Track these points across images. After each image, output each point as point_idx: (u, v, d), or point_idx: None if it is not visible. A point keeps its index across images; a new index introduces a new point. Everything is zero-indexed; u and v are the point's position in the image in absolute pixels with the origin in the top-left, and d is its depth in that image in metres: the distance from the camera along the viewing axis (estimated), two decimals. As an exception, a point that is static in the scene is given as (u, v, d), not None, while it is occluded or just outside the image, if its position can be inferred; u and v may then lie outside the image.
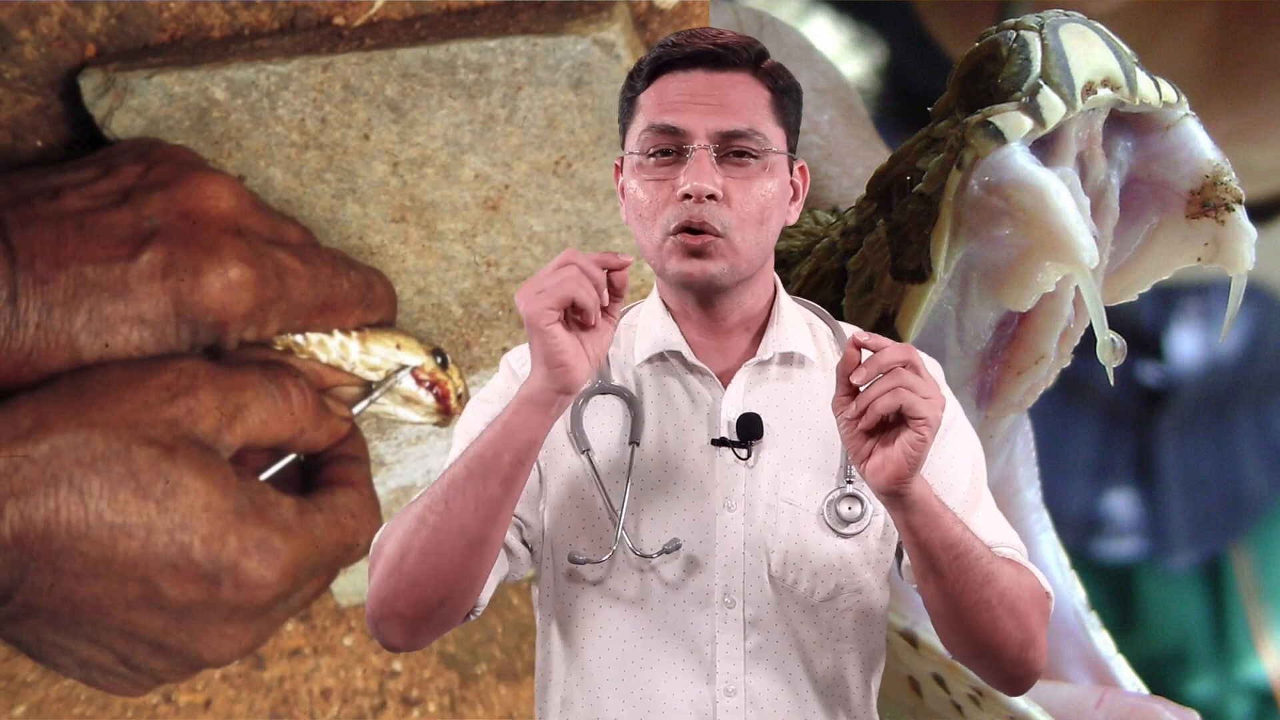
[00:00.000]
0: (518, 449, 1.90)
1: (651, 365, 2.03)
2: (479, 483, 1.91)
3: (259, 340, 2.70)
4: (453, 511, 1.91)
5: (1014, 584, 1.95)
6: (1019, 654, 1.97)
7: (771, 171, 1.99)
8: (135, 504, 2.55)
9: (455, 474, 1.92)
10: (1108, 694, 2.41)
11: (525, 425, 1.90)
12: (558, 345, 1.87)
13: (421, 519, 1.92)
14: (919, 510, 1.90)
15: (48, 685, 2.91)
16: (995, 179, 2.20)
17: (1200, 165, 2.25)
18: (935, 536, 1.91)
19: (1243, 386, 4.60)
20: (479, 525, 1.91)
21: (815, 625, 1.99)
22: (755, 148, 1.98)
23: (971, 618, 1.94)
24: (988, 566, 1.93)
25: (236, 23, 2.82)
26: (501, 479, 1.91)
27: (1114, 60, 2.21)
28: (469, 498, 1.91)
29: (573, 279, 1.89)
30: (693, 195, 1.96)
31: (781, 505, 1.98)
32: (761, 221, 1.98)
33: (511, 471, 1.91)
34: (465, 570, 1.93)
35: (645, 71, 2.01)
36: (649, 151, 1.99)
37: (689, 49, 2.01)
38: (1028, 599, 1.97)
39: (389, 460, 2.90)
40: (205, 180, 2.69)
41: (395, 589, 1.93)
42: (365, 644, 3.01)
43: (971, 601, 1.93)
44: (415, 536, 1.92)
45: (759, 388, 2.02)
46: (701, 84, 2.00)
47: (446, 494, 1.91)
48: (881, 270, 2.30)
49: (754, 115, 1.99)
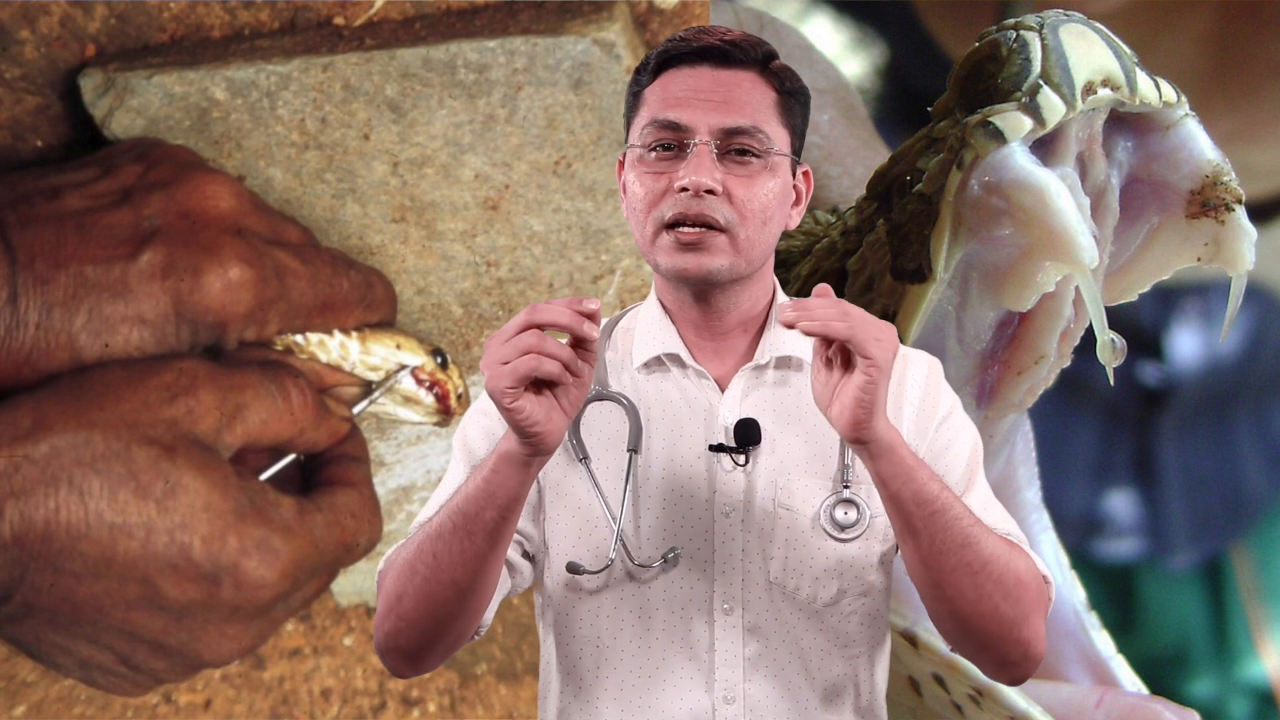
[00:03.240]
0: (500, 506, 1.89)
1: (649, 370, 2.02)
2: (464, 537, 1.90)
3: (259, 340, 2.70)
4: (441, 564, 1.91)
5: (1000, 554, 1.91)
6: (1009, 632, 1.93)
7: (774, 172, 1.98)
8: (135, 504, 2.55)
9: (441, 526, 1.91)
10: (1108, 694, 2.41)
11: (505, 484, 1.88)
12: (526, 418, 1.85)
13: (413, 567, 1.92)
14: (887, 459, 1.88)
15: (48, 685, 2.91)
16: (995, 179, 2.20)
17: (1200, 165, 2.25)
18: (907, 490, 1.88)
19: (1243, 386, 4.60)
20: (468, 576, 1.91)
21: (821, 631, 1.98)
22: (757, 146, 1.97)
23: (953, 584, 1.91)
24: (968, 529, 1.90)
25: (236, 23, 2.82)
26: (486, 534, 1.90)
27: (1114, 60, 2.21)
28: (455, 552, 1.90)
29: (532, 356, 1.84)
30: (690, 189, 1.95)
31: (779, 511, 1.97)
32: (764, 221, 1.97)
33: (495, 527, 1.89)
34: (462, 612, 1.93)
35: (651, 66, 2.01)
36: (650, 145, 1.98)
37: (696, 44, 2.00)
38: (1019, 573, 1.92)
39: (389, 460, 2.90)
40: (205, 180, 2.69)
41: (396, 628, 1.94)
42: (365, 644, 3.01)
43: (951, 564, 1.90)
44: (409, 582, 1.92)
45: (756, 392, 2.01)
46: (706, 80, 1.99)
47: (434, 546, 1.91)
48: (881, 270, 2.30)
49: (758, 114, 1.98)
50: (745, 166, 1.97)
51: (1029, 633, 1.94)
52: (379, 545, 2.77)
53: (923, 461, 1.91)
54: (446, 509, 1.91)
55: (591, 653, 1.99)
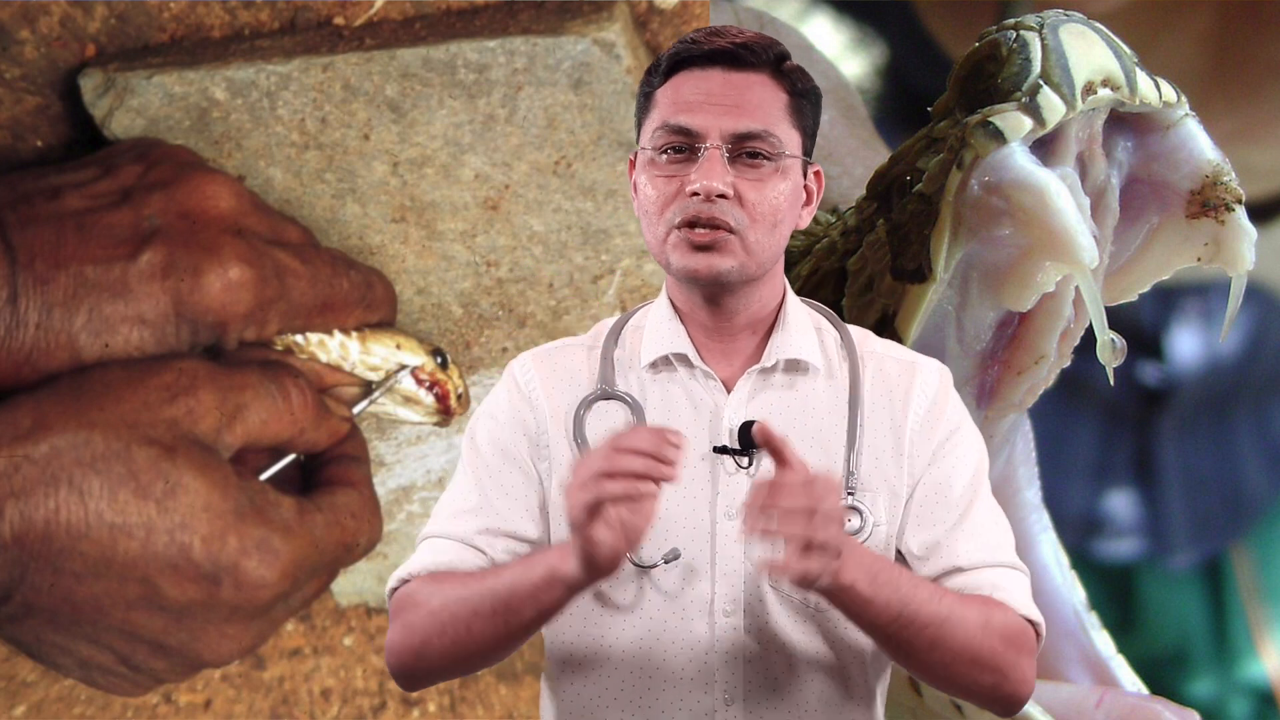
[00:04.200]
0: (542, 610, 1.91)
1: (656, 369, 2.02)
2: (500, 624, 1.92)
3: (259, 340, 2.70)
4: (474, 637, 1.94)
5: (974, 637, 1.93)
6: (991, 692, 1.96)
7: (785, 173, 1.98)
8: (135, 504, 2.55)
9: (479, 606, 1.92)
10: (1108, 694, 2.41)
11: (553, 598, 1.90)
12: (599, 552, 1.85)
13: (443, 628, 1.94)
14: (843, 600, 1.89)
15: (48, 685, 2.91)
16: (995, 179, 2.20)
17: (1200, 165, 2.25)
18: (866, 617, 1.90)
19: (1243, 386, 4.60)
20: (500, 652, 1.96)
21: (818, 634, 1.98)
22: (769, 149, 1.97)
23: (929, 674, 1.95)
24: (935, 633, 1.91)
25: (236, 23, 2.82)
26: (522, 626, 1.92)
27: (1114, 60, 2.21)
28: (489, 633, 1.93)
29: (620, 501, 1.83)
30: (702, 193, 1.95)
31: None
32: (775, 223, 1.97)
33: (533, 623, 1.93)
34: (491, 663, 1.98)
35: (663, 67, 2.00)
36: (661, 149, 1.98)
37: (707, 47, 1.99)
38: (994, 645, 1.94)
39: (389, 460, 2.90)
40: (205, 180, 2.69)
41: (416, 666, 1.98)
42: (365, 644, 3.01)
43: (924, 662, 1.93)
44: (437, 638, 1.95)
45: (762, 394, 2.01)
46: (718, 83, 1.99)
47: (469, 620, 1.93)
48: (881, 270, 2.30)
49: (769, 117, 1.98)
50: (756, 169, 1.97)
51: (1011, 686, 1.97)
52: (379, 545, 2.77)
53: (879, 582, 1.89)
54: (487, 590, 1.93)
55: (592, 652, 1.99)
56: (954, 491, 2.00)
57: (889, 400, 2.01)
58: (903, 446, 1.99)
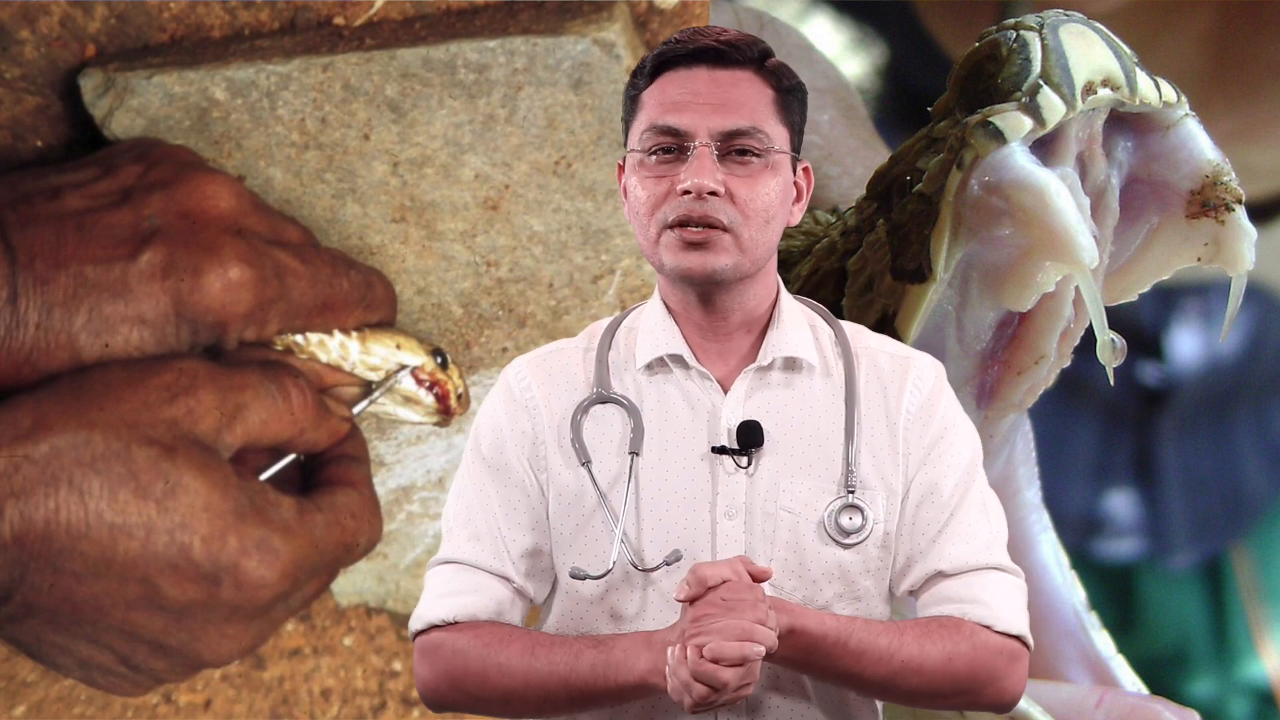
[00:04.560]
0: (623, 703, 1.95)
1: (651, 371, 2.02)
2: (576, 708, 1.95)
3: (259, 340, 2.70)
4: (543, 711, 1.96)
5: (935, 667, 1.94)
6: (970, 705, 1.98)
7: (775, 170, 1.98)
8: (135, 504, 2.55)
9: (552, 690, 1.94)
10: (1108, 694, 2.41)
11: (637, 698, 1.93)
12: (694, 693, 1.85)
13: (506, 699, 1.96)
14: (791, 661, 1.92)
15: (48, 685, 2.91)
16: (995, 179, 2.20)
17: (1200, 165, 2.25)
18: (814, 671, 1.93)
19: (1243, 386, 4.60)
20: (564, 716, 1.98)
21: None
22: (757, 146, 1.97)
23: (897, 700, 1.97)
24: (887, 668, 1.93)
25: (236, 23, 2.82)
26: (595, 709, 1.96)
27: (1114, 60, 2.21)
28: (559, 710, 1.96)
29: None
30: (693, 191, 1.95)
31: (781, 514, 1.97)
32: (767, 220, 1.97)
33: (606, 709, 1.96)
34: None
35: (648, 69, 2.01)
36: (650, 150, 1.98)
37: (692, 46, 2.00)
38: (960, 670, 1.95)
39: (389, 460, 2.90)
40: (205, 180, 2.69)
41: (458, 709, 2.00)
42: (365, 644, 3.01)
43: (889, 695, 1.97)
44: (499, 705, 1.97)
45: (759, 393, 2.00)
46: (704, 82, 1.99)
47: (540, 704, 1.95)
48: (881, 270, 2.30)
49: (756, 114, 1.98)
50: (746, 166, 1.97)
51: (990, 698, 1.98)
52: (379, 545, 2.77)
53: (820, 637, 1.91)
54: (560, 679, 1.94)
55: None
56: (944, 492, 2.00)
57: (884, 396, 2.01)
58: (898, 443, 2.00)
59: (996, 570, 2.00)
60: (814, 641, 1.91)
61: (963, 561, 1.99)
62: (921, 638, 1.94)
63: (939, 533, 1.99)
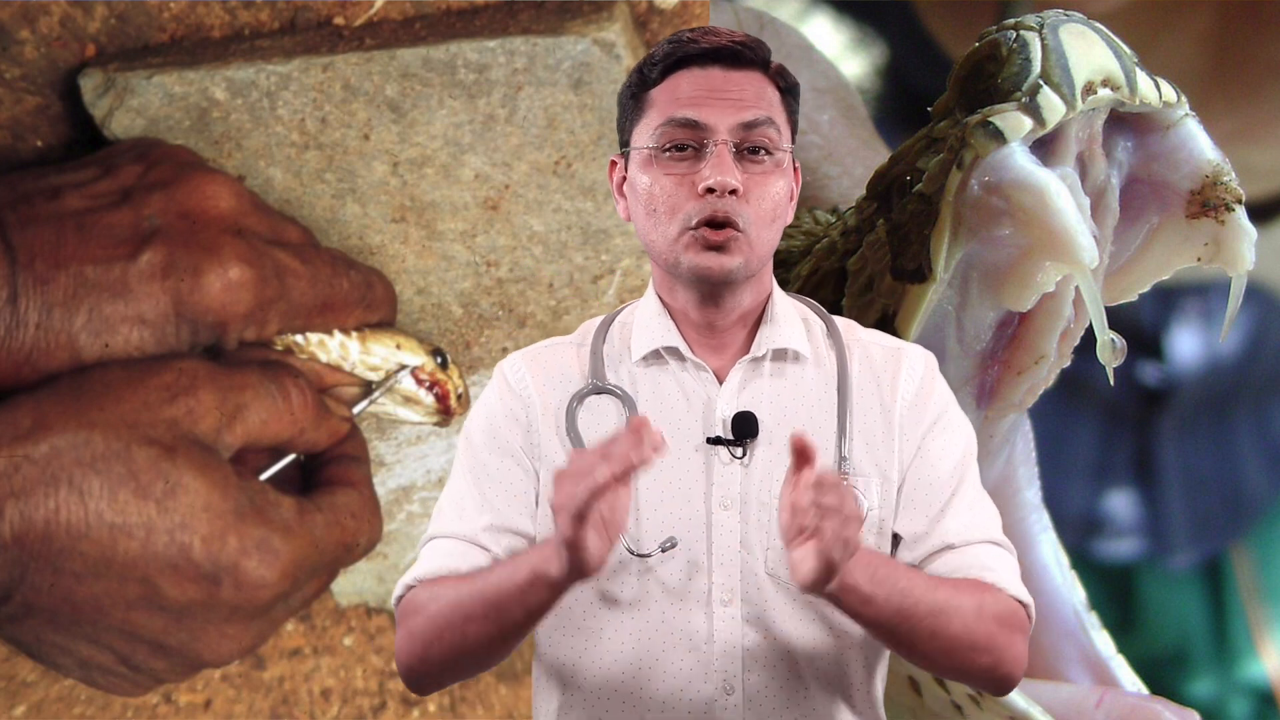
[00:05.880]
0: (530, 611, 1.92)
1: (646, 363, 2.03)
2: (493, 625, 1.93)
3: (259, 340, 2.70)
4: (469, 640, 1.95)
5: (970, 622, 1.95)
6: (988, 673, 1.98)
7: (782, 170, 2.01)
8: (135, 504, 2.55)
9: (470, 609, 1.94)
10: (1108, 694, 2.41)
11: (539, 598, 1.91)
12: (585, 548, 1.85)
13: (441, 634, 1.96)
14: (848, 600, 1.90)
15: (48, 685, 2.91)
16: (995, 179, 2.20)
17: (1200, 165, 2.25)
18: (867, 615, 1.91)
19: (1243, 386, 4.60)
20: (496, 654, 1.96)
21: (815, 621, 1.99)
22: (772, 142, 1.99)
23: (929, 660, 1.96)
24: (933, 624, 1.93)
25: (236, 23, 2.82)
26: (514, 628, 1.93)
27: (1114, 60, 2.21)
28: (482, 634, 1.94)
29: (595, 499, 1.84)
30: (717, 190, 1.96)
31: (776, 503, 1.98)
32: (773, 219, 2.00)
33: (524, 623, 1.93)
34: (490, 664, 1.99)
35: (660, 66, 2.01)
36: (665, 146, 1.99)
37: (705, 45, 2.01)
38: (989, 628, 1.96)
39: (389, 460, 2.90)
40: (205, 180, 2.69)
41: (423, 670, 1.99)
42: (365, 644, 3.01)
43: (923, 652, 1.95)
44: (436, 642, 1.97)
45: (753, 384, 2.02)
46: (719, 80, 2.00)
47: (464, 626, 1.94)
48: (881, 270, 2.31)
49: (770, 111, 2.01)
50: (759, 165, 1.99)
51: (1007, 667, 1.98)
52: (379, 545, 2.77)
53: (878, 580, 1.90)
54: (478, 591, 1.94)
55: (591, 646, 2.00)
56: (943, 474, 2.02)
57: (877, 385, 2.03)
58: (893, 431, 2.01)
59: (999, 546, 2.03)
60: (873, 559, 1.90)
61: (969, 535, 2.01)
62: (954, 587, 1.96)
63: (942, 510, 2.01)
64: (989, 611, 1.97)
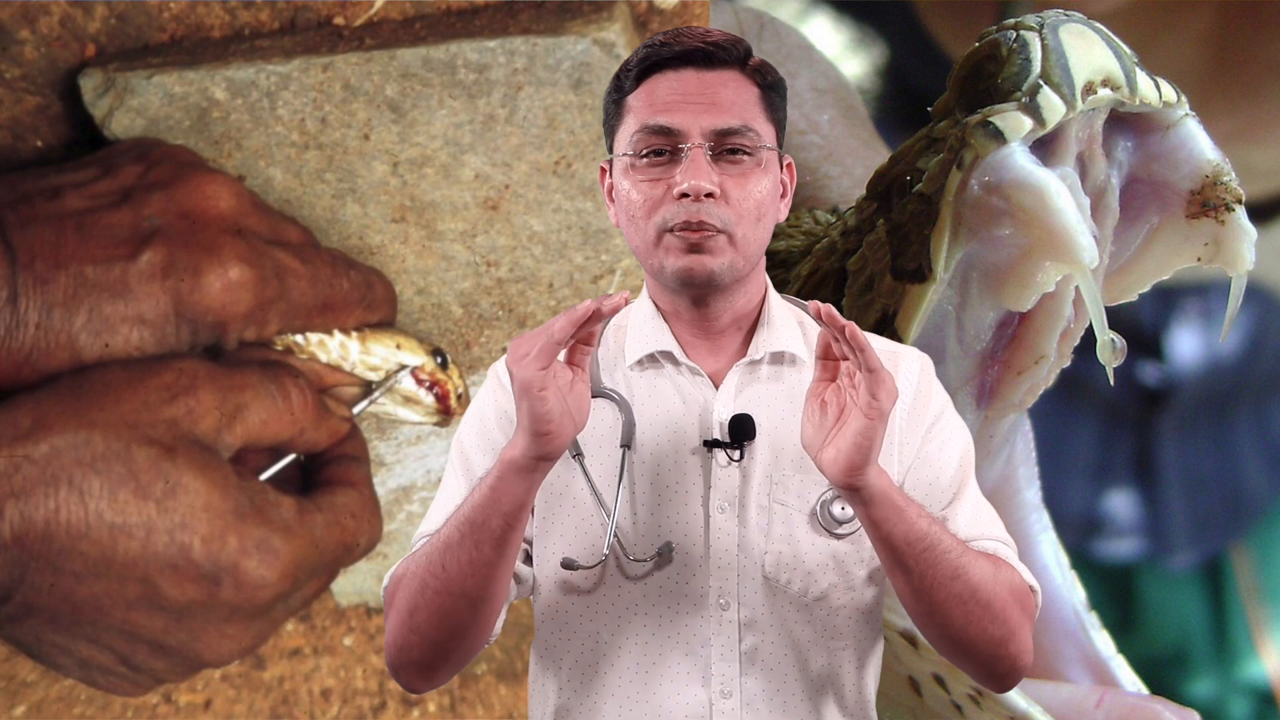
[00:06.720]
0: (505, 514, 1.91)
1: (642, 367, 2.03)
2: (471, 548, 1.92)
3: (259, 340, 2.70)
4: (450, 575, 1.93)
5: (988, 579, 1.95)
6: (997, 649, 1.96)
7: (766, 168, 1.99)
8: (135, 504, 2.55)
9: (449, 538, 1.93)
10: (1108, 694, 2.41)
11: (510, 491, 1.90)
12: (547, 413, 1.87)
13: (423, 581, 1.94)
14: (879, 504, 1.90)
15: (48, 685, 2.91)
16: (995, 179, 2.20)
17: (1200, 165, 2.25)
18: (898, 530, 1.90)
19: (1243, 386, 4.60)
20: (478, 586, 1.93)
21: (810, 624, 1.99)
22: (749, 144, 1.98)
23: (943, 613, 1.94)
24: (957, 560, 1.92)
25: (236, 23, 2.82)
26: (493, 543, 1.92)
27: (1114, 60, 2.21)
28: (464, 562, 1.92)
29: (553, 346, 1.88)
30: (690, 194, 1.96)
31: (774, 506, 1.98)
32: (759, 218, 1.99)
33: (502, 535, 1.91)
34: (474, 621, 1.96)
35: (634, 72, 2.01)
36: (641, 152, 1.99)
37: (678, 48, 2.00)
38: (1004, 594, 1.96)
39: (389, 460, 2.90)
40: (205, 180, 2.69)
41: (409, 641, 1.97)
42: (365, 644, 3.01)
43: (942, 597, 1.93)
44: (420, 597, 1.95)
45: (750, 388, 2.02)
46: (693, 83, 2.00)
47: (443, 558, 1.93)
48: (881, 270, 2.30)
49: (746, 112, 1.99)
50: (738, 165, 1.98)
51: (1015, 647, 1.97)
52: (379, 545, 2.77)
53: (910, 499, 1.93)
54: (454, 520, 1.93)
55: (588, 649, 2.00)
56: (945, 475, 2.02)
57: None
58: (893, 433, 2.01)
59: (1004, 543, 2.03)
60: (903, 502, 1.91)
61: (975, 532, 2.02)
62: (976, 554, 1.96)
63: (945, 511, 2.01)
64: (1004, 579, 1.97)
